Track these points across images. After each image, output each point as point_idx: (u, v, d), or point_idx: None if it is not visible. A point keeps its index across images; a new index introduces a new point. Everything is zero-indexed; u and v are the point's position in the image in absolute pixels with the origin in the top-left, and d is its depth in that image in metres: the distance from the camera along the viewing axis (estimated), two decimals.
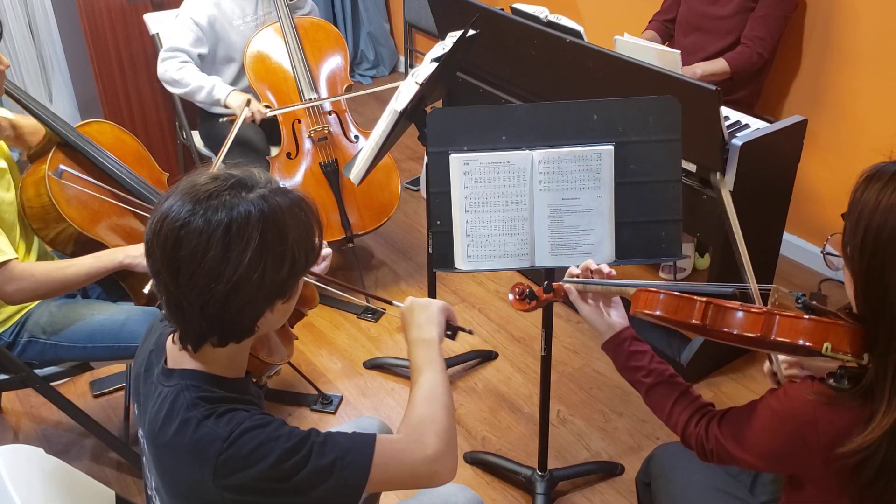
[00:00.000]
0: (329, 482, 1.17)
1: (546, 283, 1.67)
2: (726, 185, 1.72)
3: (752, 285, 1.42)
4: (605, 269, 1.60)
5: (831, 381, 1.19)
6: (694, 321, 1.30)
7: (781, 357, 1.47)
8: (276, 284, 1.17)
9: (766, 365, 1.50)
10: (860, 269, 1.16)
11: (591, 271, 1.60)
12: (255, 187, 1.16)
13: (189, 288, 1.12)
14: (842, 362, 1.18)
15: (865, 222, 1.14)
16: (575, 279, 1.60)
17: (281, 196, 1.17)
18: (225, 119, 2.90)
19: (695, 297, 1.31)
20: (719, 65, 2.89)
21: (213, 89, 2.92)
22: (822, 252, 1.31)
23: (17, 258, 1.95)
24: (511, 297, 1.71)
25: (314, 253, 1.22)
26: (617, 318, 1.56)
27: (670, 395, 1.46)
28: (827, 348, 1.16)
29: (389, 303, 1.67)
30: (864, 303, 1.17)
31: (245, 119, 2.81)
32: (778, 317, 1.22)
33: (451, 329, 1.48)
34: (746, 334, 1.24)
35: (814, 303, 1.26)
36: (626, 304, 1.50)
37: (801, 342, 1.19)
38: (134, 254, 2.00)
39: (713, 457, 1.36)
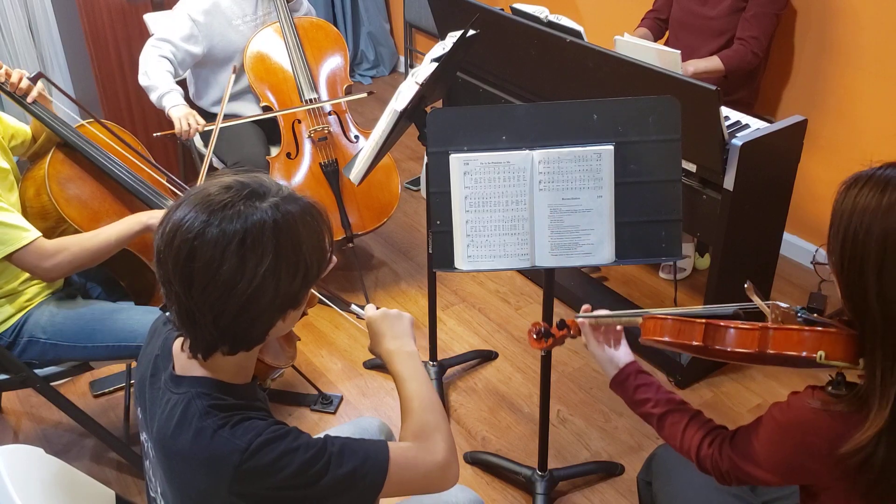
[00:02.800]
0: (347, 491, 1.17)
1: (559, 320, 1.71)
2: None
3: (758, 301, 1.42)
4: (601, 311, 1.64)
5: (829, 388, 1.20)
6: (695, 343, 1.32)
7: None
8: (290, 295, 1.16)
9: None
10: (841, 273, 1.18)
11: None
12: (268, 195, 1.15)
13: (202, 300, 1.11)
14: (838, 369, 1.19)
15: (844, 226, 1.17)
16: (587, 314, 1.64)
17: (292, 203, 1.16)
18: (159, 134, 2.78)
19: (695, 320, 1.33)
20: (713, 63, 2.86)
21: (164, 96, 2.83)
22: (811, 263, 1.33)
23: (41, 235, 1.95)
24: (533, 334, 1.75)
25: (325, 260, 1.22)
26: (623, 355, 1.60)
27: (681, 420, 1.47)
28: (821, 356, 1.18)
29: (348, 305, 1.62)
30: (849, 306, 1.19)
31: (181, 135, 2.74)
32: (772, 331, 1.24)
33: None
34: (745, 350, 1.27)
35: (814, 315, 1.27)
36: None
37: (794, 353, 1.21)
38: (160, 215, 1.96)
39: (730, 478, 1.37)
